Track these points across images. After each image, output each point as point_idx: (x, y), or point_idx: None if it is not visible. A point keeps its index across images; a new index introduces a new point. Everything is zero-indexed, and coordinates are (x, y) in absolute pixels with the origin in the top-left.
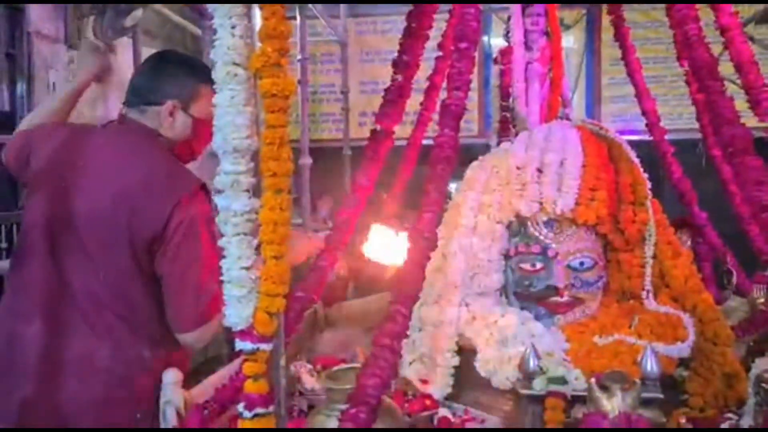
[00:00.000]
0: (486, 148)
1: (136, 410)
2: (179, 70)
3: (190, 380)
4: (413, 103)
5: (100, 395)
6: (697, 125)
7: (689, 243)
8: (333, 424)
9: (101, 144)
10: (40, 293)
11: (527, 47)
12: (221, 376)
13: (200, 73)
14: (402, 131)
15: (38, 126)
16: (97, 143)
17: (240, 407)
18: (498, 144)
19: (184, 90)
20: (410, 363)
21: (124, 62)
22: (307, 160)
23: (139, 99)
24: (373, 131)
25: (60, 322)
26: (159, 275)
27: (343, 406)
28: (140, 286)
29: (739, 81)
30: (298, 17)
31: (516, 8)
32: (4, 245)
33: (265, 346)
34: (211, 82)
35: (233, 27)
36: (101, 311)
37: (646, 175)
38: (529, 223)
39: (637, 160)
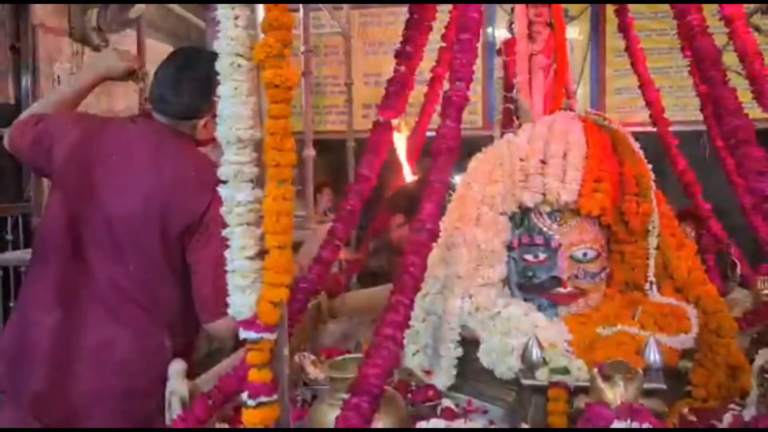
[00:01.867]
0: (490, 140)
1: (154, 400)
2: (211, 82)
3: (195, 371)
4: (417, 94)
5: (120, 384)
6: (701, 117)
7: (693, 234)
8: (336, 413)
9: (131, 139)
10: (62, 285)
11: (531, 38)
12: (226, 366)
13: None
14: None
15: (57, 115)
16: (127, 137)
17: (244, 396)
18: (501, 135)
19: (217, 105)
20: (413, 354)
21: None
22: (310, 152)
23: (173, 112)
24: (376, 123)
25: (82, 313)
26: (189, 265)
27: (346, 396)
28: (166, 279)
29: (743, 72)
30: (302, 9)
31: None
32: (10, 237)
33: (269, 336)
34: None
35: (236, 18)
36: (125, 303)
37: (650, 167)
38: (532, 215)
39: (641, 152)
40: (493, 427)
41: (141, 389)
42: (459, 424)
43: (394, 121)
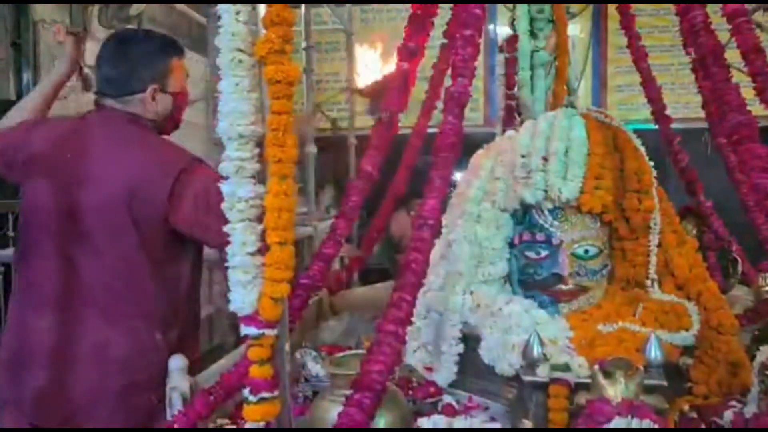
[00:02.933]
0: (491, 137)
1: (155, 394)
2: (150, 52)
3: (197, 367)
4: (418, 91)
5: (119, 382)
6: (703, 114)
7: (694, 232)
8: (337, 409)
9: (90, 135)
10: (50, 287)
11: (533, 35)
12: (227, 362)
13: (168, 48)
14: (407, 120)
15: (18, 125)
16: (86, 134)
17: (245, 392)
18: (503, 132)
19: (159, 71)
20: (414, 350)
21: None
22: (311, 149)
23: (119, 90)
24: (378, 119)
25: (72, 314)
26: (211, 246)
27: (348, 392)
28: (149, 272)
29: (745, 69)
30: (303, 5)
31: None
32: (11, 234)
33: (270, 331)
34: (179, 52)
35: (237, 13)
36: (112, 300)
37: (651, 164)
38: (533, 211)
39: (642, 149)
40: (492, 425)
41: (140, 385)
42: (460, 420)
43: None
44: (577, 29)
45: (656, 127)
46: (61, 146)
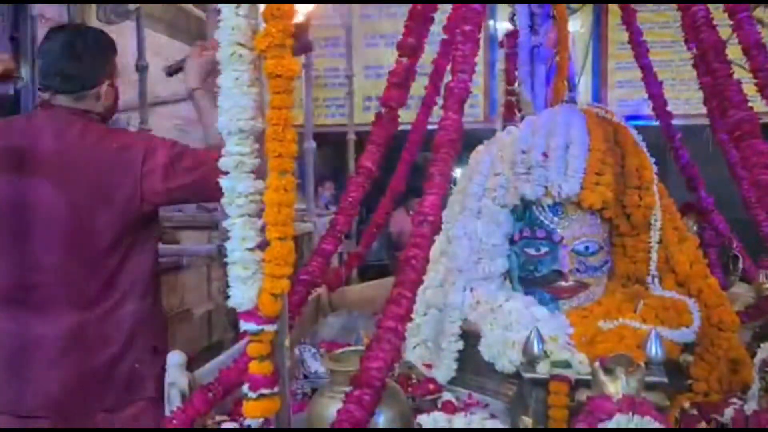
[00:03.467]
0: (491, 134)
1: (135, 361)
2: (104, 46)
3: (195, 363)
4: (418, 87)
5: (101, 361)
6: (704, 110)
7: (695, 228)
8: (336, 406)
9: (41, 133)
10: (21, 291)
11: (533, 31)
12: (226, 358)
13: (112, 42)
14: (406, 115)
15: None
16: (36, 132)
17: (245, 388)
18: (503, 128)
19: (111, 65)
20: (414, 347)
21: (128, 47)
22: (311, 145)
23: (78, 86)
24: (378, 114)
25: (45, 312)
26: (209, 200)
27: (347, 388)
28: (119, 257)
29: (746, 65)
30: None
31: None
32: None
33: (270, 327)
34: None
35: (237, 7)
36: (82, 291)
37: (652, 160)
38: (534, 208)
39: (643, 145)
40: (492, 422)
41: (120, 356)
42: (459, 417)
43: None
44: (578, 25)
45: (657, 123)
46: (13, 147)
